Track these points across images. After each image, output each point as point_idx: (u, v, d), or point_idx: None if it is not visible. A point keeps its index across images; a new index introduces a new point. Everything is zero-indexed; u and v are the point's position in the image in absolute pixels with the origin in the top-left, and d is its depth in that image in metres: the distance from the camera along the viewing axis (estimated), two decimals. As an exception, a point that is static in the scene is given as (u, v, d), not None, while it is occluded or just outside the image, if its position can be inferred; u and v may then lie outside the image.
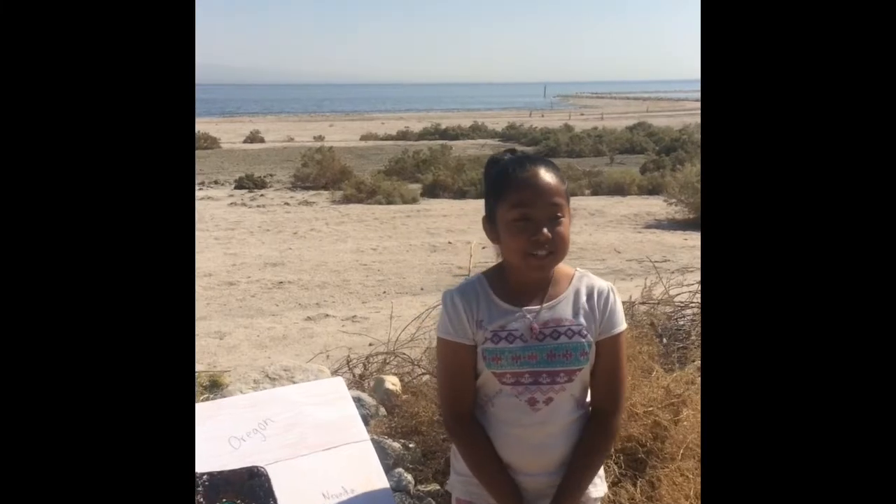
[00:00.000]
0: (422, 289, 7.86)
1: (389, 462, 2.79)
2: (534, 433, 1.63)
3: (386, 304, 7.00)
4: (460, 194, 15.38)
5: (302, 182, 17.40)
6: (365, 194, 14.92)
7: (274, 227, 11.86)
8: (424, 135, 34.09)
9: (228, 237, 11.03)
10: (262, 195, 15.77)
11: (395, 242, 10.59)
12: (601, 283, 1.70)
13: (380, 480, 1.78)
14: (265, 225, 12.08)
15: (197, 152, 25.74)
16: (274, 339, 6.22)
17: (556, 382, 1.62)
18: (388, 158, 20.99)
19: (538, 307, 1.64)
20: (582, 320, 1.64)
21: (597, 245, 10.18)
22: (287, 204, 14.61)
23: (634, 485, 2.57)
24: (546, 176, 1.60)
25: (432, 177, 16.44)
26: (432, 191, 15.86)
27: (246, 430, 1.70)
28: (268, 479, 1.65)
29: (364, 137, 33.81)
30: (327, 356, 5.26)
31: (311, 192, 16.22)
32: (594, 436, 1.66)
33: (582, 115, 54.96)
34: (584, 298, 1.66)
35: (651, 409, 2.72)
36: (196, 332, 6.36)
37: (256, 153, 26.49)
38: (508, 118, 46.03)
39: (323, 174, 17.26)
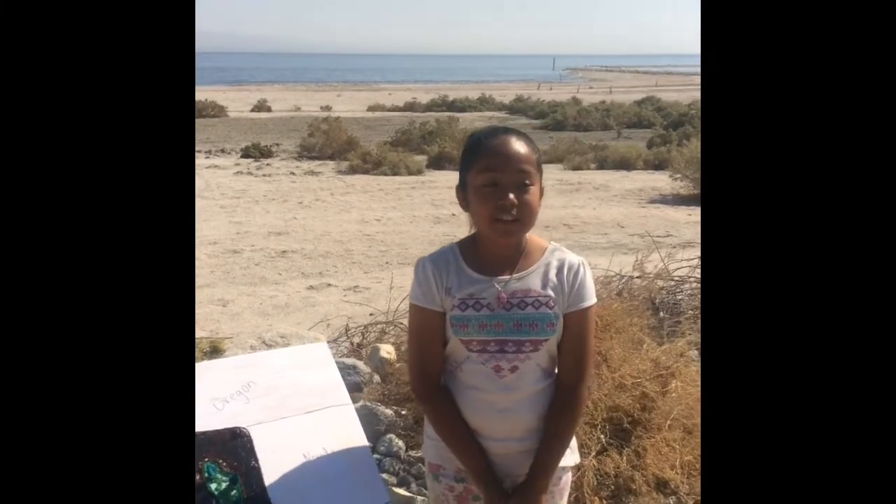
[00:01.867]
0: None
1: (381, 428, 2.85)
2: (500, 399, 1.66)
3: (388, 274, 7.04)
4: (466, 166, 15.35)
5: (308, 152, 17.39)
6: (371, 165, 14.92)
7: (279, 197, 11.89)
8: (432, 106, 33.95)
9: (234, 206, 11.07)
10: (267, 164, 15.77)
11: (399, 213, 10.62)
12: (573, 258, 1.71)
13: (360, 443, 1.82)
14: (270, 194, 12.11)
15: (204, 121, 25.75)
16: (276, 307, 6.28)
17: (521, 351, 1.64)
18: (394, 129, 20.92)
19: (507, 277, 1.67)
20: (550, 292, 1.66)
21: (600, 219, 10.19)
22: (293, 173, 14.61)
23: (620, 454, 2.62)
24: (515, 144, 1.62)
25: (438, 148, 16.40)
26: (438, 162, 15.84)
27: (229, 392, 1.74)
28: (250, 440, 1.69)
29: (371, 108, 33.68)
30: (328, 325, 5.33)
31: (317, 162, 16.21)
32: (561, 410, 1.69)
33: (591, 88, 54.54)
34: (553, 271, 1.68)
35: (639, 380, 2.76)
36: (199, 300, 6.44)
37: (263, 122, 26.44)
38: (516, 90, 45.77)
39: (329, 144, 17.25)
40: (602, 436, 2.62)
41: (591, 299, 1.70)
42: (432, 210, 10.86)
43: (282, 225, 9.65)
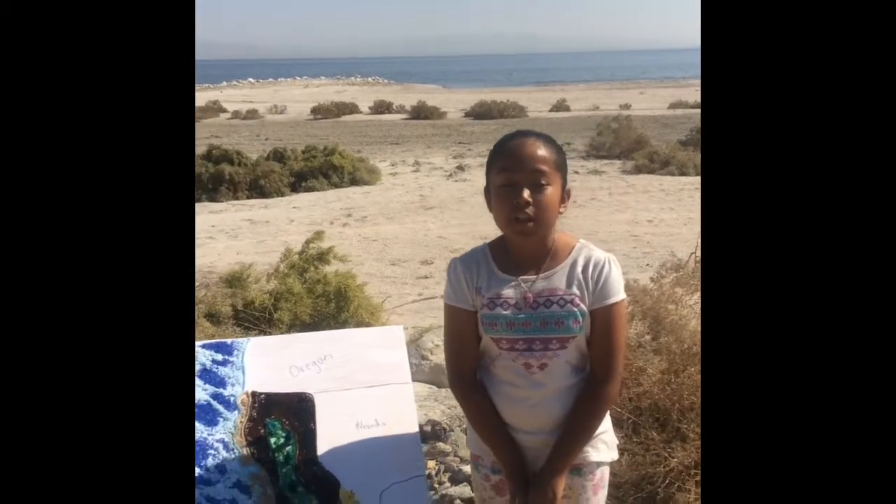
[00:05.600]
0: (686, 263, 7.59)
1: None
2: (530, 394, 1.71)
3: (645, 276, 6.90)
4: (762, 166, 14.33)
5: (596, 151, 17.43)
6: (657, 165, 14.57)
7: (556, 195, 12.10)
8: (739, 102, 31.99)
9: (511, 203, 11.47)
10: (554, 163, 16.08)
11: (673, 215, 10.27)
12: (599, 254, 1.73)
13: (411, 420, 1.96)
14: (549, 192, 12.36)
15: (504, 120, 26.95)
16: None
17: (548, 349, 1.69)
18: (691, 128, 20.14)
19: (534, 277, 1.72)
20: (575, 290, 1.69)
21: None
22: (576, 172, 14.73)
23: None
24: (532, 145, 1.67)
25: (733, 147, 15.49)
26: (731, 162, 14.98)
27: (306, 362, 1.97)
28: (313, 405, 1.91)
29: (673, 105, 32.61)
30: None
31: (604, 162, 16.19)
32: (583, 402, 1.71)
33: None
34: (579, 269, 1.71)
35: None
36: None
37: (560, 121, 26.92)
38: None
39: (618, 143, 17.14)
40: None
41: (618, 296, 1.70)
42: (711, 212, 10.35)
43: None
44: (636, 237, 8.99)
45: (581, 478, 1.78)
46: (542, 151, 1.67)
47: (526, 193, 1.64)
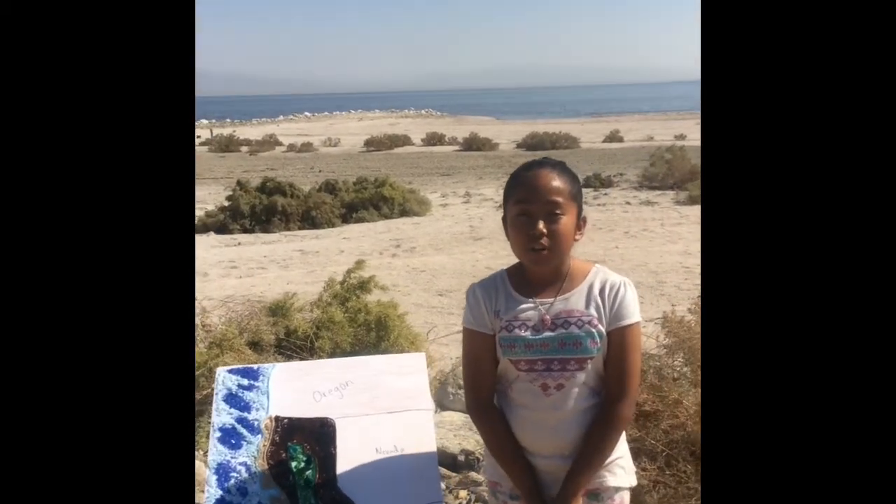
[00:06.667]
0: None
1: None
2: (547, 417, 1.73)
3: (696, 309, 6.79)
4: (819, 197, 14.01)
5: (649, 182, 17.27)
6: (711, 195, 14.36)
7: (606, 226, 12.02)
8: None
9: (560, 234, 11.43)
10: (605, 194, 16.01)
11: (725, 246, 10.09)
12: (615, 278, 1.77)
13: (429, 447, 1.97)
14: (599, 223, 12.28)
15: (555, 151, 26.93)
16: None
17: (566, 370, 1.71)
18: (745, 157, 19.81)
19: (552, 299, 1.75)
20: (592, 311, 1.72)
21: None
22: (628, 203, 14.65)
23: None
24: (547, 176, 1.70)
25: (789, 177, 15.19)
26: (787, 193, 14.69)
27: (329, 388, 2.01)
28: (334, 430, 1.95)
29: (729, 135, 32.17)
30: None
31: (657, 193, 16.02)
32: (599, 423, 1.73)
33: None
34: (596, 291, 1.74)
35: None
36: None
37: (613, 152, 26.81)
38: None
39: (671, 174, 16.96)
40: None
41: (633, 318, 1.73)
42: (765, 243, 10.14)
43: (600, 254, 9.76)
44: (688, 269, 8.85)
45: (600, 503, 1.78)
46: (556, 182, 1.71)
47: (541, 224, 1.69)
